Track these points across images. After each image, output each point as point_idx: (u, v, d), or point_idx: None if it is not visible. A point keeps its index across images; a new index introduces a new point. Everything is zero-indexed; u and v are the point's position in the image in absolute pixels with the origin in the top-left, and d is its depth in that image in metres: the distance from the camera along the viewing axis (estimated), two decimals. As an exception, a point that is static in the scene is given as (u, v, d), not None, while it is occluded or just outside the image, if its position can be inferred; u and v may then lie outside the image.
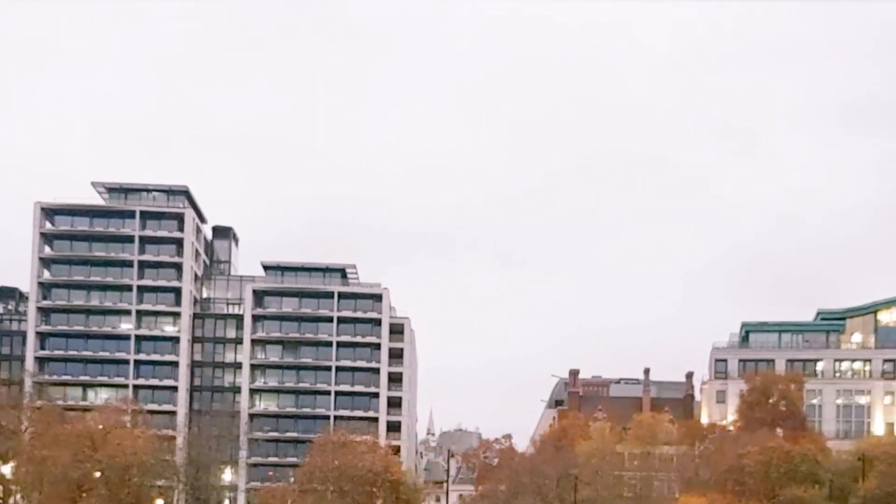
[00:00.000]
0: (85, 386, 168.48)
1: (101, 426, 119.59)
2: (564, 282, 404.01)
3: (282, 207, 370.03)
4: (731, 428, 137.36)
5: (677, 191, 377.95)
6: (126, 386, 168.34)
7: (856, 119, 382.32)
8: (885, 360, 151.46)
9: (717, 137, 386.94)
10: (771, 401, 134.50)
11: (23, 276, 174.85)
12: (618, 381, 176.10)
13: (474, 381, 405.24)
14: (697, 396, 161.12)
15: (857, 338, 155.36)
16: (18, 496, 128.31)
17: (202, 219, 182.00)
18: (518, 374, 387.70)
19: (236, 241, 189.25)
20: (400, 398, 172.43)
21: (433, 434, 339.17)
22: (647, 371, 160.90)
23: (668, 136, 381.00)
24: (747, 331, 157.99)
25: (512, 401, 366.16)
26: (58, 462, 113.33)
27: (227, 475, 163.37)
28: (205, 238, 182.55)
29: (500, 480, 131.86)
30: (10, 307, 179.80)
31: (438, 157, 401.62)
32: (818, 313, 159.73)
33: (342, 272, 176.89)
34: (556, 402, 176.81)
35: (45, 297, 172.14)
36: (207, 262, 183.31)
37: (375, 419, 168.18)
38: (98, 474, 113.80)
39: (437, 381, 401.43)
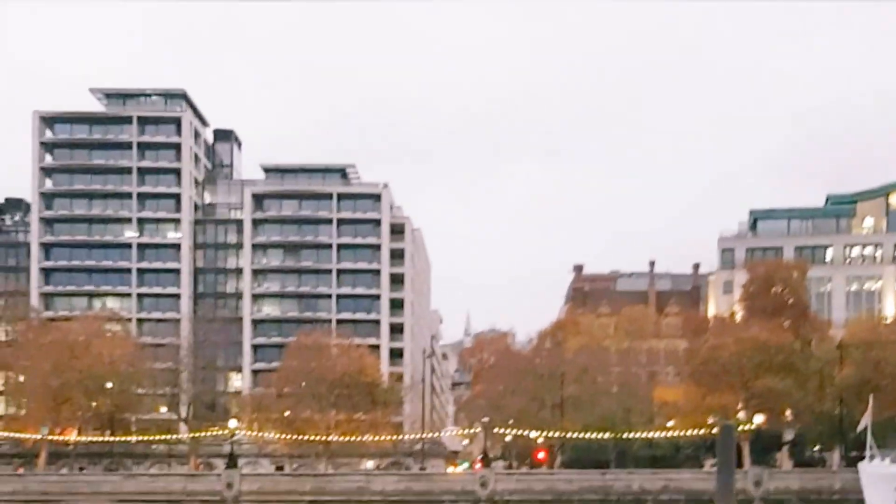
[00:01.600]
0: (90, 296, 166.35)
1: (81, 336, 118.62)
2: (605, 174, 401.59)
3: (306, 107, 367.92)
4: (738, 319, 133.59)
5: (721, 76, 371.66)
6: (130, 295, 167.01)
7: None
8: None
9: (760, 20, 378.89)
10: (774, 290, 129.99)
11: (24, 187, 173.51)
12: (629, 275, 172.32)
13: (511, 281, 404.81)
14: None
15: (868, 222, 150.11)
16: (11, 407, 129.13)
17: (203, 122, 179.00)
18: (554, 271, 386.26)
19: (239, 144, 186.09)
20: (402, 300, 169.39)
21: (469, 335, 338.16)
22: (652, 263, 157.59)
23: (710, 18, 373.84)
24: (755, 218, 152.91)
25: (546, 299, 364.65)
26: (38, 372, 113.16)
27: (237, 381, 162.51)
28: (205, 142, 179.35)
29: (493, 380, 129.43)
30: (16, 218, 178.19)
31: (469, 50, 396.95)
32: (828, 198, 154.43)
33: (342, 172, 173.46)
34: (571, 298, 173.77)
35: (47, 208, 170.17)
36: (209, 166, 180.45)
37: (378, 321, 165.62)
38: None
39: (475, 281, 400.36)
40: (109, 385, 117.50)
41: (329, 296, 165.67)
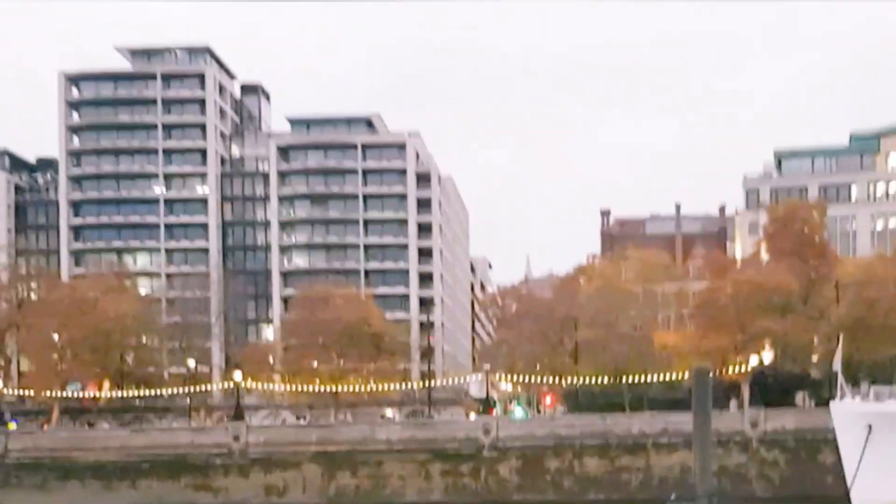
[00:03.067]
0: (119, 251, 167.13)
1: (90, 293, 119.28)
2: (670, 123, 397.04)
3: (346, 56, 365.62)
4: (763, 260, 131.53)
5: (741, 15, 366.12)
6: (159, 250, 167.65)
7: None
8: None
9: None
10: (794, 230, 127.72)
11: (52, 146, 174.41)
12: (659, 218, 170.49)
13: (575, 226, 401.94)
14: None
15: (893, 159, 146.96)
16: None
17: (230, 76, 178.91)
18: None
19: (267, 97, 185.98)
20: (430, 248, 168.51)
21: (529, 280, 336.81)
22: (678, 206, 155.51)
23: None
24: (780, 158, 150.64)
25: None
26: (44, 329, 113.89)
27: (269, 333, 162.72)
28: (231, 96, 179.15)
29: (514, 327, 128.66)
30: (48, 177, 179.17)
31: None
32: (851, 136, 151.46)
33: (368, 122, 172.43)
34: (601, 242, 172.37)
35: (75, 166, 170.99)
36: (237, 120, 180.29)
37: (406, 271, 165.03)
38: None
39: (537, 227, 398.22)
40: (120, 340, 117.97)
41: (357, 246, 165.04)
